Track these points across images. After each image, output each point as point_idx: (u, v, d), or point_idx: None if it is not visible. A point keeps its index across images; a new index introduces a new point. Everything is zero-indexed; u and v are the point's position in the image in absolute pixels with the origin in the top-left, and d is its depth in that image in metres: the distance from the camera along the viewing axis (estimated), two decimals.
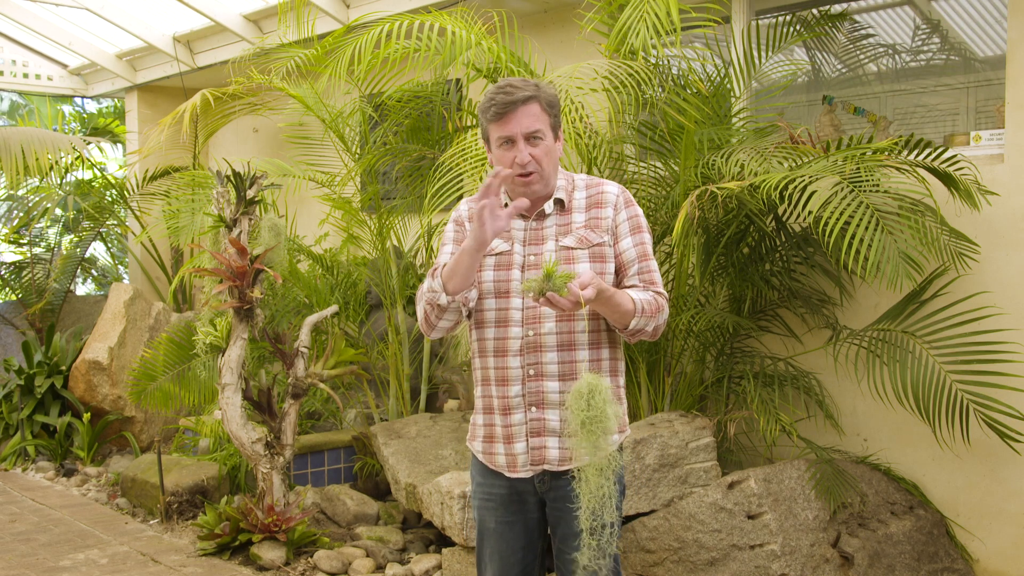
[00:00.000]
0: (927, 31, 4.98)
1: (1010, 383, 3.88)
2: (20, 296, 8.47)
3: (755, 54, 4.56)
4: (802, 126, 4.48)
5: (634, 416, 4.52)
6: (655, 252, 2.67)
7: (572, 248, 2.45)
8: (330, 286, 5.85)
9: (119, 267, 9.92)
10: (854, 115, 4.87)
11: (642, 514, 3.96)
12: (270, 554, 4.55)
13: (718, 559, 3.77)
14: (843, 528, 3.94)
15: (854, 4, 4.94)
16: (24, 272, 8.58)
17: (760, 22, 4.85)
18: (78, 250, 8.71)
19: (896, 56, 5.03)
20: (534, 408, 2.44)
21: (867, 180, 3.64)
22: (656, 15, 4.02)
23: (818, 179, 3.61)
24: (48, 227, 9.41)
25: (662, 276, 2.75)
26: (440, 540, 4.69)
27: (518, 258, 2.47)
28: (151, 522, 5.30)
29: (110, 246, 9.57)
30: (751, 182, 3.75)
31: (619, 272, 2.48)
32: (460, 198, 4.01)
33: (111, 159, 11.44)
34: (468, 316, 2.51)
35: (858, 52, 5.03)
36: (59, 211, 8.84)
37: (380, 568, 4.51)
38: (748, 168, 3.89)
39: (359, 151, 5.85)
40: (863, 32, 4.97)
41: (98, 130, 10.10)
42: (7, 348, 8.15)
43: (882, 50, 5.02)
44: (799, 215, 4.24)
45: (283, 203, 6.47)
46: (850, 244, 3.49)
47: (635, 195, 4.02)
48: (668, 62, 4.41)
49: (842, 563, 3.82)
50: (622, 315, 2.35)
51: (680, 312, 4.33)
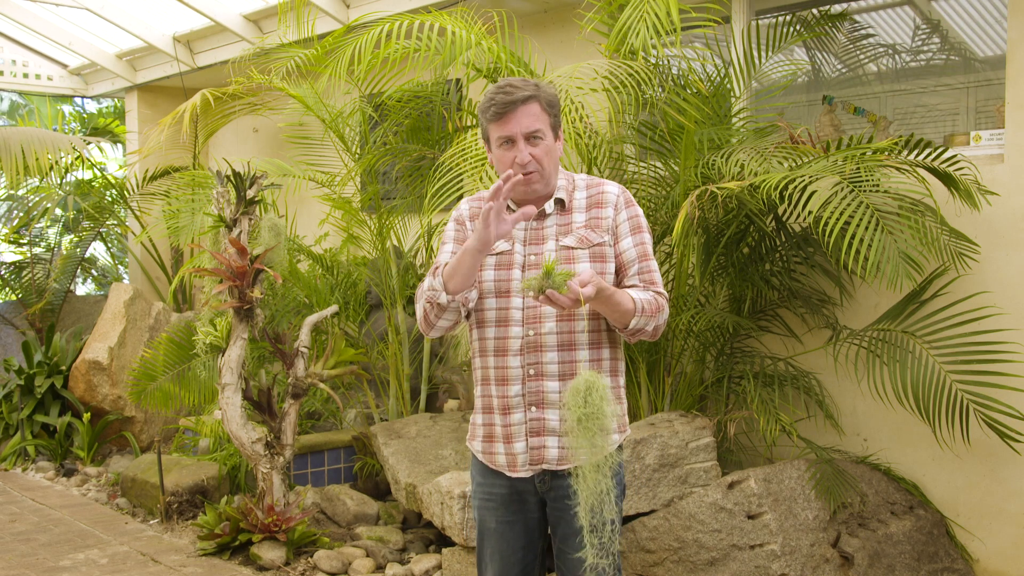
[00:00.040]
0: (927, 31, 4.98)
1: (1010, 383, 3.88)
2: (20, 296, 8.47)
3: (755, 54, 4.56)
4: (802, 126, 4.48)
5: (634, 416, 4.52)
6: (655, 252, 2.67)
7: (572, 248, 2.45)
8: (330, 286, 5.85)
9: (119, 267, 9.91)
10: (854, 115, 4.87)
11: (642, 514, 3.96)
12: (270, 554, 4.55)
13: (718, 559, 3.77)
14: (843, 528, 3.94)
15: (854, 4, 4.94)
16: (24, 272, 8.57)
17: (760, 22, 4.85)
18: (78, 250, 8.71)
19: (896, 56, 5.03)
20: (534, 408, 2.44)
21: (867, 180, 3.64)
22: (656, 15, 4.02)
23: (818, 179, 3.61)
24: (48, 227, 9.40)
25: (662, 276, 2.75)
26: (440, 540, 4.69)
27: (519, 257, 2.47)
28: (151, 522, 5.30)
29: (110, 246, 9.57)
30: (751, 182, 3.75)
31: (619, 272, 2.48)
32: (460, 198, 4.01)
33: (111, 159, 11.44)
34: (467, 317, 2.51)
35: (858, 52, 5.03)
36: (59, 211, 8.84)
37: (380, 568, 4.51)
38: (748, 168, 3.89)
39: (359, 151, 5.85)
40: (863, 32, 4.97)
41: (98, 130, 10.10)
42: (7, 348, 8.15)
43: (882, 50, 5.02)
44: (799, 215, 4.24)
45: (283, 203, 6.47)
46: (850, 244, 3.48)
47: (635, 195, 4.03)
48: (668, 62, 4.41)
49: (842, 563, 3.82)
50: (622, 314, 2.35)
51: (680, 312, 4.33)
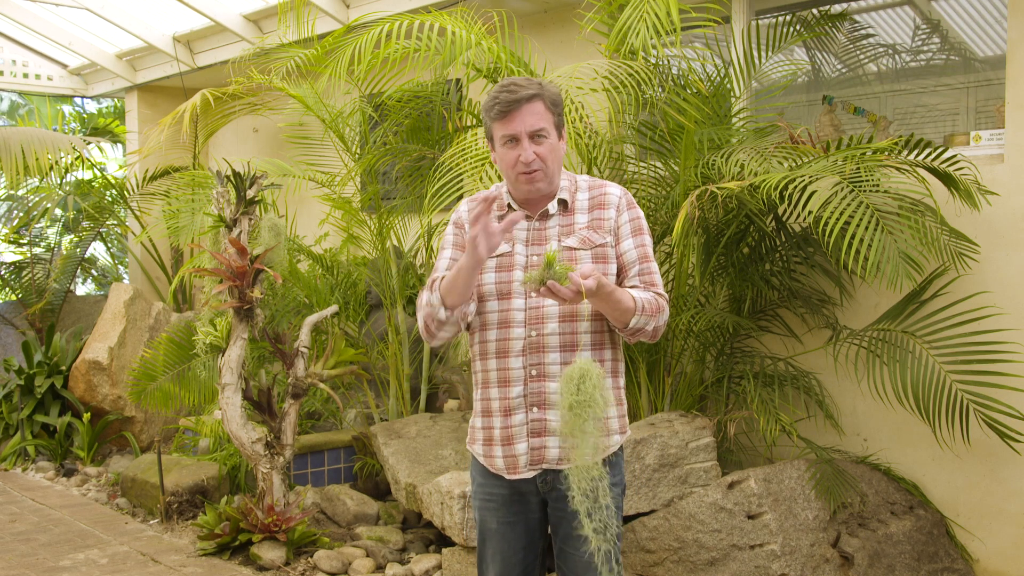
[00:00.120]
0: (927, 31, 4.98)
1: (1010, 383, 3.88)
2: (20, 296, 8.47)
3: (755, 54, 4.56)
4: (802, 126, 4.48)
5: (634, 416, 4.52)
6: (655, 252, 2.67)
7: (575, 248, 2.45)
8: (330, 286, 5.85)
9: (119, 267, 9.91)
10: (854, 115, 4.87)
11: (642, 514, 3.96)
12: (270, 554, 4.55)
13: (718, 559, 3.77)
14: (843, 528, 3.94)
15: (854, 4, 4.94)
16: (24, 272, 8.57)
17: (760, 22, 4.85)
18: (78, 250, 8.71)
19: (896, 56, 5.03)
20: (535, 409, 2.44)
21: (867, 180, 3.64)
22: (656, 15, 4.02)
23: (818, 179, 3.61)
24: (48, 227, 9.40)
25: (662, 276, 2.75)
26: (440, 540, 4.69)
27: (520, 259, 2.46)
28: (151, 522, 5.30)
29: (110, 246, 9.57)
30: (751, 182, 3.75)
31: (620, 273, 2.48)
32: (460, 198, 4.01)
33: (111, 159, 11.44)
34: (467, 328, 2.50)
35: (858, 52, 5.03)
36: (59, 211, 8.84)
37: (380, 568, 4.51)
38: (748, 168, 3.89)
39: (359, 151, 5.85)
40: (863, 32, 4.97)
41: (98, 130, 10.10)
42: (7, 348, 8.15)
43: (882, 50, 5.02)
44: (799, 215, 4.24)
45: (283, 203, 6.47)
46: (850, 244, 3.49)
47: (635, 195, 4.03)
48: (668, 62, 4.41)
49: (842, 563, 3.82)
50: (622, 312, 2.34)
51: (680, 312, 4.33)
